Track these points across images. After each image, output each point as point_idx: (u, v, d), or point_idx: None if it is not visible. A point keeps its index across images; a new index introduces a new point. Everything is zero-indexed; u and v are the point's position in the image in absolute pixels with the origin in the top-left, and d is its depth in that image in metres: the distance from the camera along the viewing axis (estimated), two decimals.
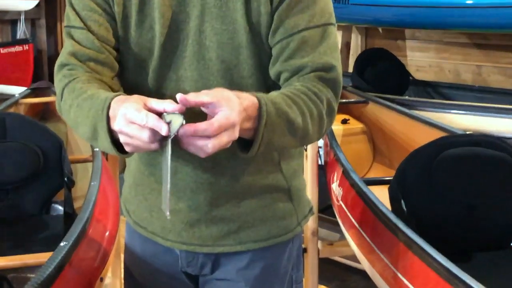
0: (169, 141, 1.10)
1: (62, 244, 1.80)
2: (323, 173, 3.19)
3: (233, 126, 1.11)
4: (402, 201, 2.26)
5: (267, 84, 1.36)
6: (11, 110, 3.60)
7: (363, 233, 2.35)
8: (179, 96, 1.10)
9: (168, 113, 1.09)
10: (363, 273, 3.32)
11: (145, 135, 1.08)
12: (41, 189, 2.68)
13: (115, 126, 1.13)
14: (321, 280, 3.15)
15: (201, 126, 1.09)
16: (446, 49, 4.85)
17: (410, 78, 4.70)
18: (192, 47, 1.32)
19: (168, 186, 1.12)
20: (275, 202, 1.45)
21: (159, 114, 1.09)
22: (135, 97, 1.14)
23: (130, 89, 1.36)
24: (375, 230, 2.24)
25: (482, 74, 4.64)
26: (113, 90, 1.32)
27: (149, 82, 1.35)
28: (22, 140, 2.67)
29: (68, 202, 2.53)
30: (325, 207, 3.32)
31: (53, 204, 2.78)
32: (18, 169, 2.65)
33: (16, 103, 3.73)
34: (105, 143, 1.19)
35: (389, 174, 3.40)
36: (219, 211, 1.41)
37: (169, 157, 1.11)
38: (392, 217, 2.11)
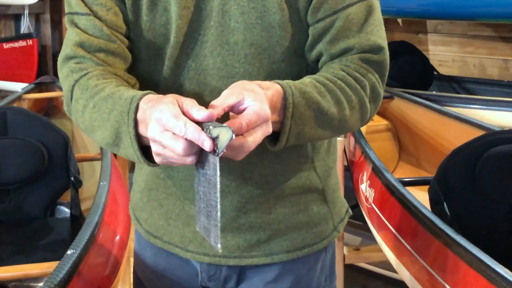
0: (217, 159, 0.95)
1: (69, 252, 1.67)
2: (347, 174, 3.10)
3: (266, 120, 1.02)
4: (445, 204, 2.13)
5: (301, 68, 1.24)
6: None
7: (401, 239, 2.19)
8: (204, 114, 0.97)
9: (214, 126, 0.95)
10: (384, 279, 3.40)
11: (179, 147, 0.95)
12: (46, 190, 2.57)
13: (149, 133, 0.99)
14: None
15: (233, 126, 0.97)
16: (470, 43, 4.70)
17: (435, 73, 4.58)
18: (214, 30, 1.19)
19: (218, 214, 0.97)
20: (309, 206, 1.33)
21: (197, 122, 0.97)
22: (170, 97, 1.01)
23: (143, 82, 1.24)
24: (416, 236, 2.09)
25: (510, 68, 4.50)
26: (129, 85, 1.20)
27: (165, 74, 1.22)
28: (24, 136, 2.53)
29: (74, 204, 2.42)
30: None
31: (58, 206, 2.64)
32: (20, 168, 2.53)
33: (19, 98, 3.64)
34: (129, 151, 1.07)
35: (416, 173, 3.46)
36: (248, 218, 1.28)
37: (218, 179, 0.95)
38: (438, 222, 1.95)
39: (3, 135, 2.54)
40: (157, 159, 1.01)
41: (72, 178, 2.47)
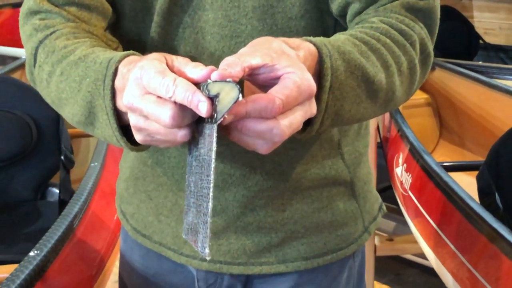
0: (214, 128, 0.74)
1: (32, 253, 1.43)
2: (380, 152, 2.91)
3: (310, 96, 0.79)
4: (496, 195, 1.91)
5: (326, 27, 1.06)
6: (15, 74, 3.25)
7: (441, 233, 1.98)
8: (203, 71, 0.76)
9: (214, 81, 0.73)
10: (420, 267, 3.23)
11: (166, 114, 0.75)
12: (35, 169, 2.38)
13: (125, 98, 0.80)
14: None
15: (259, 102, 0.75)
16: None
17: (480, 41, 4.40)
18: None
19: (210, 205, 0.76)
20: (334, 202, 1.15)
21: (195, 84, 0.76)
22: (157, 54, 0.83)
23: (127, 44, 1.08)
24: (459, 231, 1.89)
25: None
26: (109, 48, 1.02)
27: (153, 33, 1.06)
28: (10, 108, 2.34)
29: (64, 187, 2.21)
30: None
31: (50, 188, 2.45)
32: (6, 144, 2.34)
33: (22, 66, 3.38)
34: (106, 131, 0.89)
35: (459, 154, 3.27)
36: (256, 216, 1.12)
37: (213, 156, 0.75)
38: (487, 216, 1.73)
39: None
40: (138, 136, 0.82)
41: (62, 157, 2.30)
